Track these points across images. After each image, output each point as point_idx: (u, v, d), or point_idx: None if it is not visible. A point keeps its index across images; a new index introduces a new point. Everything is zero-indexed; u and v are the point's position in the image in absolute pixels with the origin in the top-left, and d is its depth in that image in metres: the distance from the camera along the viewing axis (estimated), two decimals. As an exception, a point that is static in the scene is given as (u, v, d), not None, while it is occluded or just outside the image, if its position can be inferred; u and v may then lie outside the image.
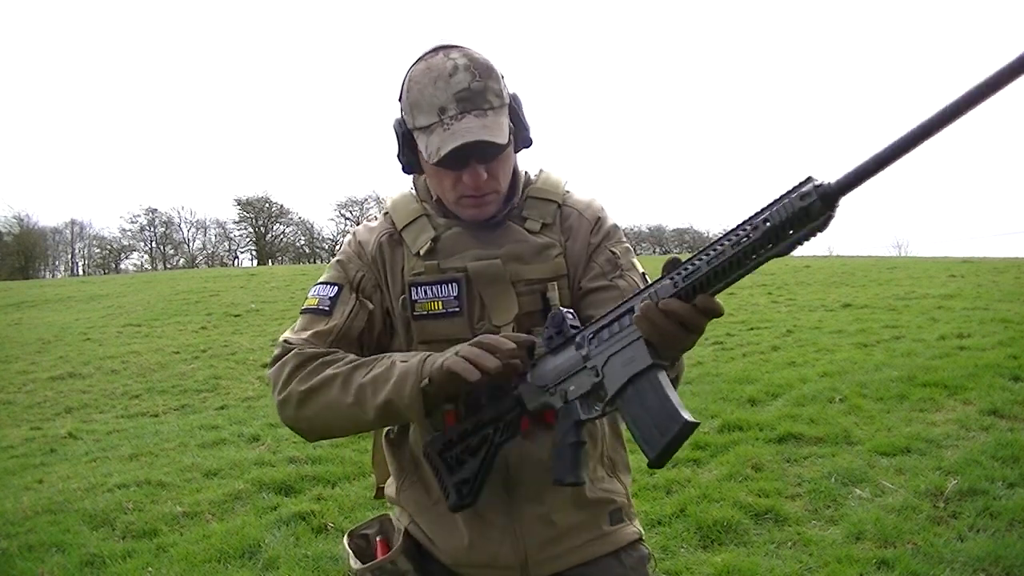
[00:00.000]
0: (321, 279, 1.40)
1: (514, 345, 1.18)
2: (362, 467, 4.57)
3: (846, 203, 0.92)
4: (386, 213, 1.41)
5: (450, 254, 1.32)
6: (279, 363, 1.32)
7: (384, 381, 1.21)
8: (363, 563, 1.35)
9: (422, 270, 1.31)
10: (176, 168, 74.65)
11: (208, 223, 46.36)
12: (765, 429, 4.72)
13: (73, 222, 45.32)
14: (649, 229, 46.69)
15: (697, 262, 1.01)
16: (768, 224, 0.94)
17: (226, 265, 40.73)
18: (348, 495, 4.13)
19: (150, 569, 3.40)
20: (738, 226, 0.97)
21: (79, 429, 6.41)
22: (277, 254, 45.82)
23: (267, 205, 45.22)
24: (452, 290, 1.29)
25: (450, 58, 1.25)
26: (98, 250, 45.51)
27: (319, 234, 47.28)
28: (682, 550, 3.29)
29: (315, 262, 41.40)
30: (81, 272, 42.74)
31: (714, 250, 0.99)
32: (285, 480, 4.38)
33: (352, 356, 1.30)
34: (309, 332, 1.33)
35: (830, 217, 0.92)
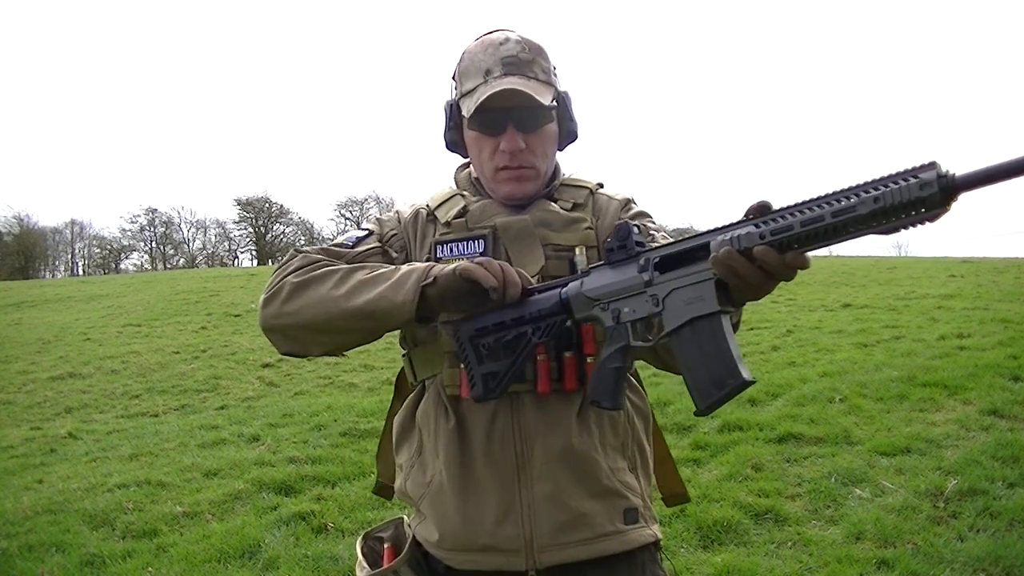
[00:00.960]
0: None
1: (520, 277, 1.15)
2: (362, 467, 4.57)
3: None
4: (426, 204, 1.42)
5: (478, 220, 1.30)
6: (281, 264, 1.26)
7: (385, 279, 1.16)
8: (372, 568, 1.30)
9: (448, 231, 1.30)
10: (176, 168, 74.75)
11: (208, 223, 46.39)
12: (765, 429, 4.72)
13: (73, 222, 45.40)
14: (649, 229, 46.71)
15: (789, 217, 0.95)
16: (877, 204, 0.87)
17: (226, 265, 40.73)
18: (348, 495, 4.13)
19: (150, 569, 3.40)
20: (840, 192, 0.90)
21: (79, 429, 6.42)
22: (277, 254, 45.79)
23: (267, 205, 45.23)
24: (478, 246, 1.26)
25: (505, 33, 1.30)
26: (98, 250, 45.53)
27: (319, 234, 47.31)
28: (682, 550, 3.29)
29: (315, 262, 41.34)
30: (81, 272, 42.74)
31: (810, 210, 0.93)
32: (285, 480, 4.38)
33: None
34: (337, 254, 1.30)
35: (945, 211, 0.85)
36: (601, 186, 1.40)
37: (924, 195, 0.84)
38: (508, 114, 1.25)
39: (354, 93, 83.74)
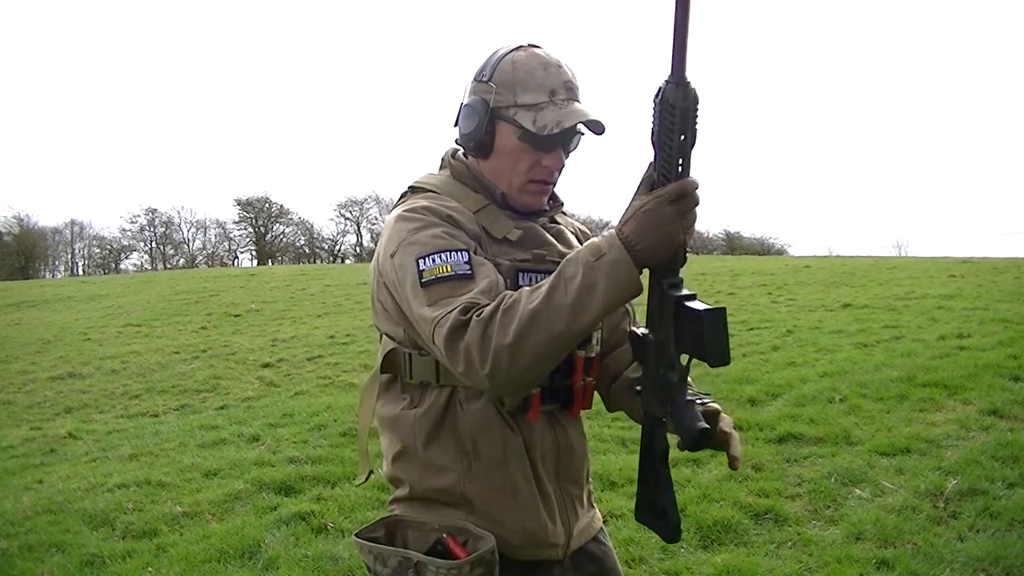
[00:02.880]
0: (430, 250, 1.25)
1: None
2: (362, 467, 4.57)
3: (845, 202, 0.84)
4: (430, 191, 1.39)
5: (533, 245, 1.37)
6: (457, 335, 1.16)
7: (588, 287, 1.12)
8: (433, 557, 1.28)
9: (529, 257, 1.35)
10: (176, 168, 74.68)
11: (208, 223, 46.37)
12: (765, 429, 4.72)
13: (73, 222, 45.34)
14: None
15: None
16: None
17: (226, 265, 40.71)
18: (348, 495, 4.12)
19: (150, 569, 3.40)
20: None
21: (79, 429, 6.42)
22: (277, 254, 45.80)
23: (267, 205, 45.22)
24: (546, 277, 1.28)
25: (548, 52, 1.37)
26: (98, 250, 45.53)
27: (319, 234, 47.30)
28: (682, 550, 3.29)
29: (315, 262, 41.42)
30: (81, 272, 42.75)
31: None
32: (285, 480, 4.38)
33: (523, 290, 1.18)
34: (468, 294, 1.20)
35: None
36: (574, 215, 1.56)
37: None
38: (563, 136, 1.34)
39: (354, 93, 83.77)
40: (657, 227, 1.11)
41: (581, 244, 1.44)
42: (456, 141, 1.43)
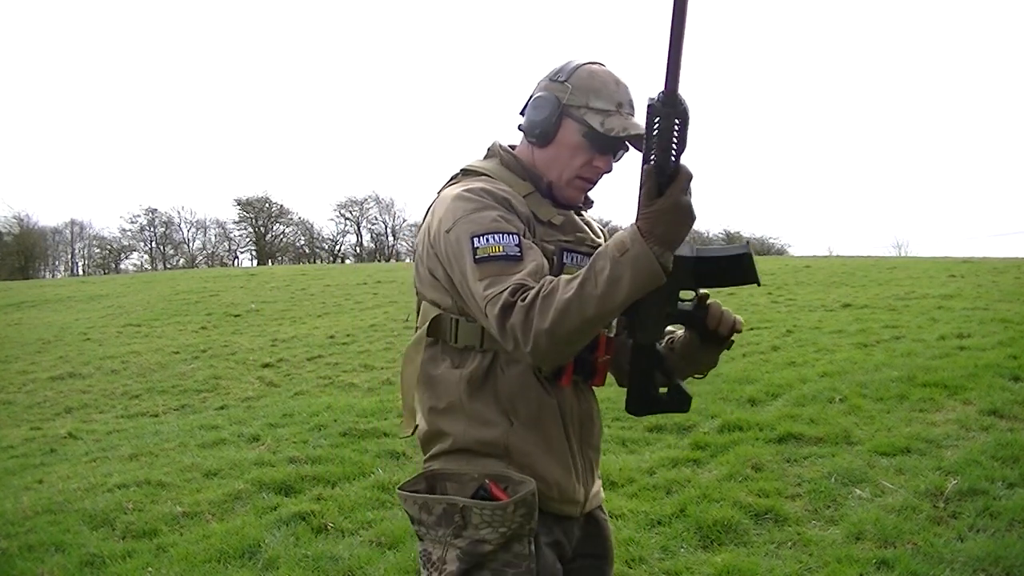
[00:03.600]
0: (484, 230, 1.38)
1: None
2: (362, 467, 4.58)
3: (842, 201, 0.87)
4: (484, 174, 1.53)
5: (572, 230, 1.54)
6: (505, 315, 1.31)
7: (615, 279, 1.26)
8: (475, 499, 1.39)
9: (572, 239, 1.52)
10: (176, 168, 74.74)
11: (208, 223, 46.42)
12: (765, 429, 4.72)
13: (73, 222, 45.40)
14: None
15: None
16: None
17: (226, 265, 40.74)
18: (348, 495, 4.12)
19: (150, 569, 3.40)
20: None
21: (79, 429, 6.42)
22: (277, 254, 45.82)
23: (267, 205, 45.24)
24: (586, 261, 1.41)
25: (612, 72, 1.54)
26: (98, 250, 45.56)
27: (319, 234, 47.32)
28: (682, 550, 3.29)
29: (315, 262, 41.43)
30: (81, 272, 42.76)
31: None
32: (285, 480, 4.38)
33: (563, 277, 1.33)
34: (517, 275, 1.34)
35: None
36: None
37: None
38: (620, 142, 1.51)
39: (354, 93, 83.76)
40: (681, 218, 1.27)
41: (604, 237, 1.63)
42: (519, 127, 1.57)
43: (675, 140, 1.22)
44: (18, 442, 6.12)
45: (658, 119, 1.21)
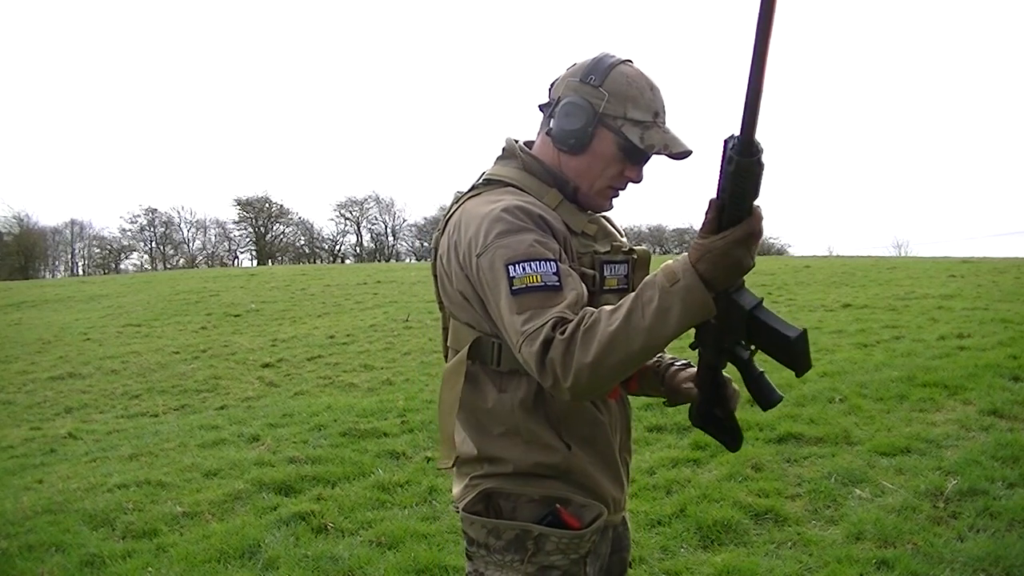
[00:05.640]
0: (520, 257, 1.29)
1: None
2: (362, 467, 4.58)
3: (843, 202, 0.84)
4: (511, 185, 1.45)
5: (604, 236, 1.51)
6: (543, 351, 1.23)
7: (664, 311, 1.18)
8: (547, 526, 1.36)
9: (608, 249, 1.47)
10: (176, 168, 74.73)
11: (208, 223, 46.45)
12: (765, 429, 4.72)
13: (73, 222, 45.40)
14: (649, 229, 46.73)
15: None
16: None
17: (226, 265, 40.73)
18: (348, 495, 4.13)
19: (150, 569, 3.40)
20: None
21: (79, 429, 6.42)
22: (277, 254, 45.82)
23: (267, 205, 45.26)
24: (623, 270, 1.46)
25: (645, 75, 1.46)
26: (98, 250, 45.56)
27: (319, 234, 47.32)
28: (682, 550, 3.29)
29: (315, 262, 41.43)
30: (81, 272, 42.75)
31: None
32: (285, 480, 4.38)
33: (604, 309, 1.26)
34: (556, 307, 1.25)
35: None
36: None
37: None
38: (650, 155, 1.45)
39: (354, 93, 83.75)
40: (730, 266, 1.18)
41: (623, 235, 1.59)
42: (547, 133, 1.47)
43: (750, 187, 1.14)
44: (18, 442, 6.12)
45: (735, 173, 1.12)
